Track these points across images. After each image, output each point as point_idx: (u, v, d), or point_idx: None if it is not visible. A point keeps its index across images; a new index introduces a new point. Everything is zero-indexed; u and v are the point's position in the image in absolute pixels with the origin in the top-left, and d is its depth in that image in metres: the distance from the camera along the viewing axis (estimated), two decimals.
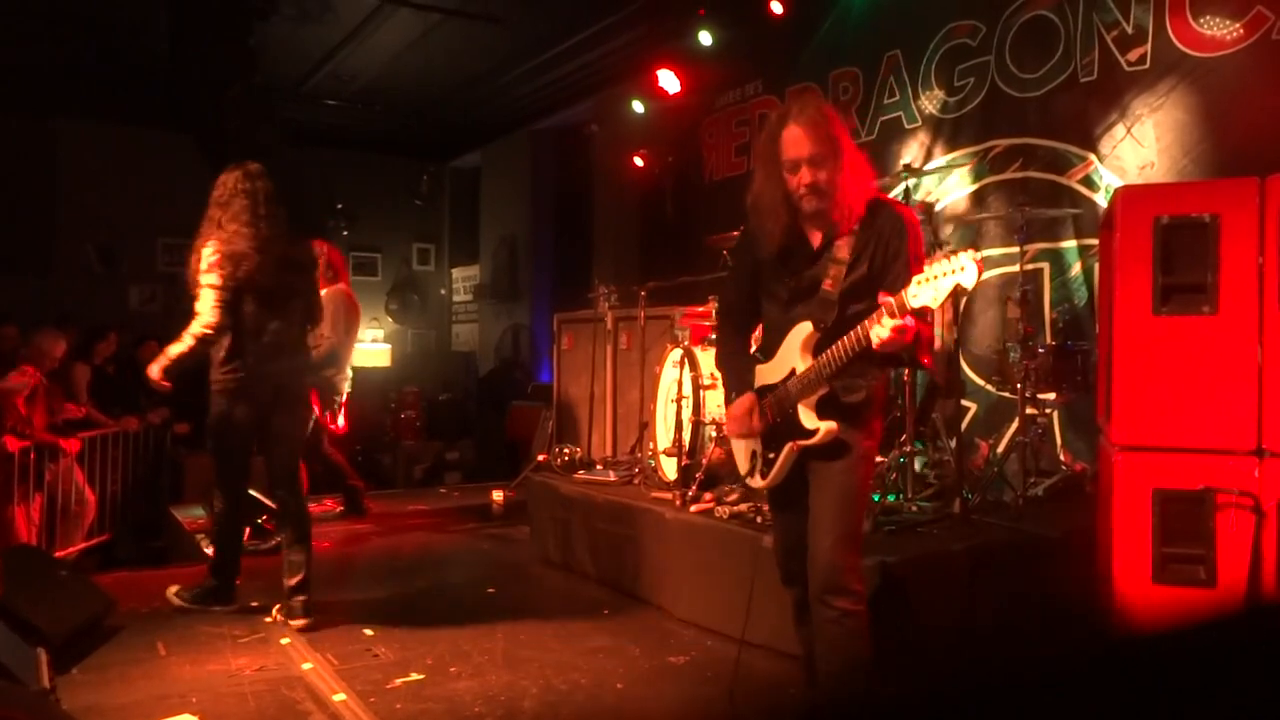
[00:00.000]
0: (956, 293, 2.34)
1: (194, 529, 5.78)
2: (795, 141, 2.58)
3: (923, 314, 2.41)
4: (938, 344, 4.62)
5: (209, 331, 4.04)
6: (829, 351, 2.56)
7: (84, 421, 6.57)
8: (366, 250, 11.21)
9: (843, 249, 2.63)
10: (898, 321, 2.39)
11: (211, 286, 4.06)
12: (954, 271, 2.30)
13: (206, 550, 5.29)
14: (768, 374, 2.77)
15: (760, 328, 2.91)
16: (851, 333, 2.51)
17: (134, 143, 9.18)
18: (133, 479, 7.01)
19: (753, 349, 2.92)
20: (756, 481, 2.80)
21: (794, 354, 2.67)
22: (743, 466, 2.88)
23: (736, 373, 2.87)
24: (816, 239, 2.69)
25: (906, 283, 2.40)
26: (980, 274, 2.31)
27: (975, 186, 5.53)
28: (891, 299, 2.41)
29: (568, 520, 5.14)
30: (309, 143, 9.55)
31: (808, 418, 2.64)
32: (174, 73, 7.59)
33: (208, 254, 4.12)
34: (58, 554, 5.51)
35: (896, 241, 2.62)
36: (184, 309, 4.18)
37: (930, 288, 2.34)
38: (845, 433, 2.62)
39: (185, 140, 8.57)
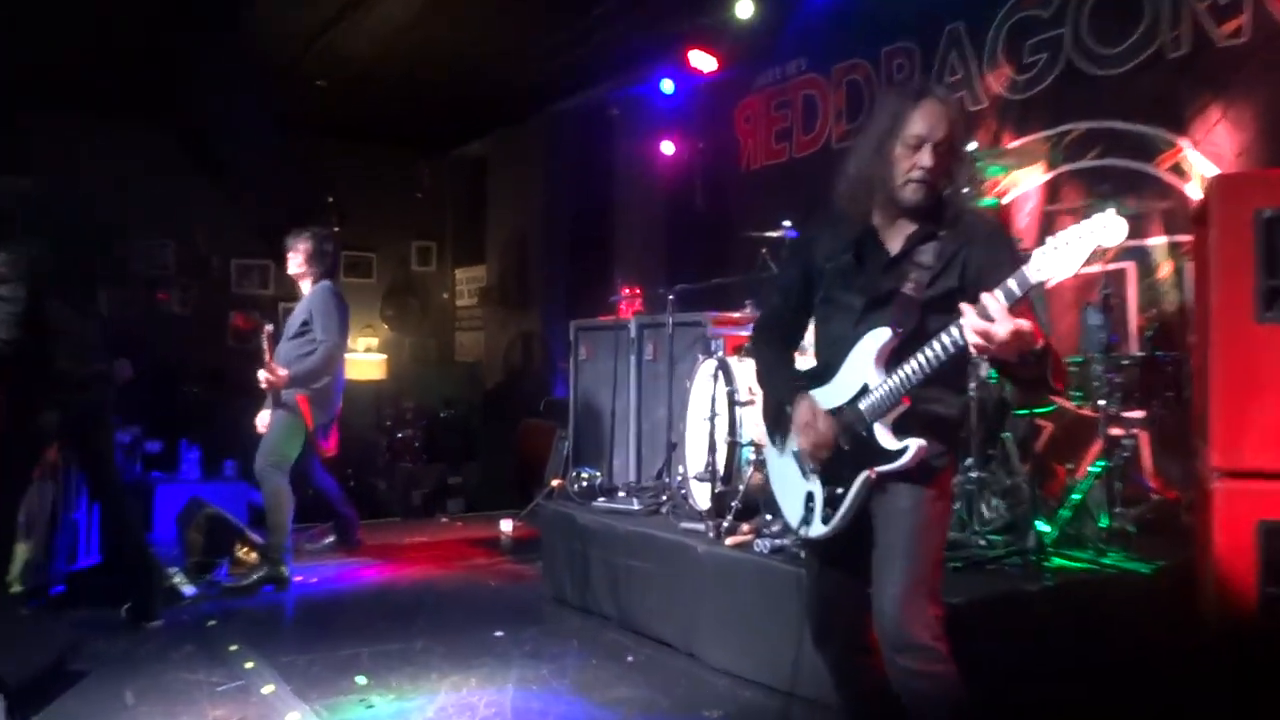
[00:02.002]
0: (1094, 256, 2.19)
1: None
2: (932, 117, 2.52)
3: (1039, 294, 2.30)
4: None
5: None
6: (914, 359, 2.46)
7: None
8: (360, 249, 11.26)
9: (926, 254, 2.57)
10: (996, 311, 2.20)
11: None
12: (1091, 233, 2.17)
13: (178, 582, 5.33)
14: (827, 397, 2.66)
15: (808, 349, 2.86)
16: (944, 334, 2.40)
17: (107, 136, 9.30)
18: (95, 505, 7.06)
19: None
20: (816, 529, 2.66)
21: (865, 367, 2.58)
22: (793, 514, 2.76)
23: (785, 381, 2.77)
24: (896, 242, 2.63)
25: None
26: (1126, 232, 2.17)
27: (1048, 176, 5.48)
28: (997, 289, 2.25)
29: (585, 554, 5.12)
30: (296, 130, 9.62)
31: (888, 438, 2.53)
32: (148, 57, 7.67)
33: None
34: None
35: (998, 247, 2.54)
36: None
37: (1059, 256, 2.19)
38: (929, 455, 2.53)
39: (160, 133, 8.70)
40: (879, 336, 2.57)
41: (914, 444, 2.50)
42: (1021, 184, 5.60)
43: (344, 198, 10.75)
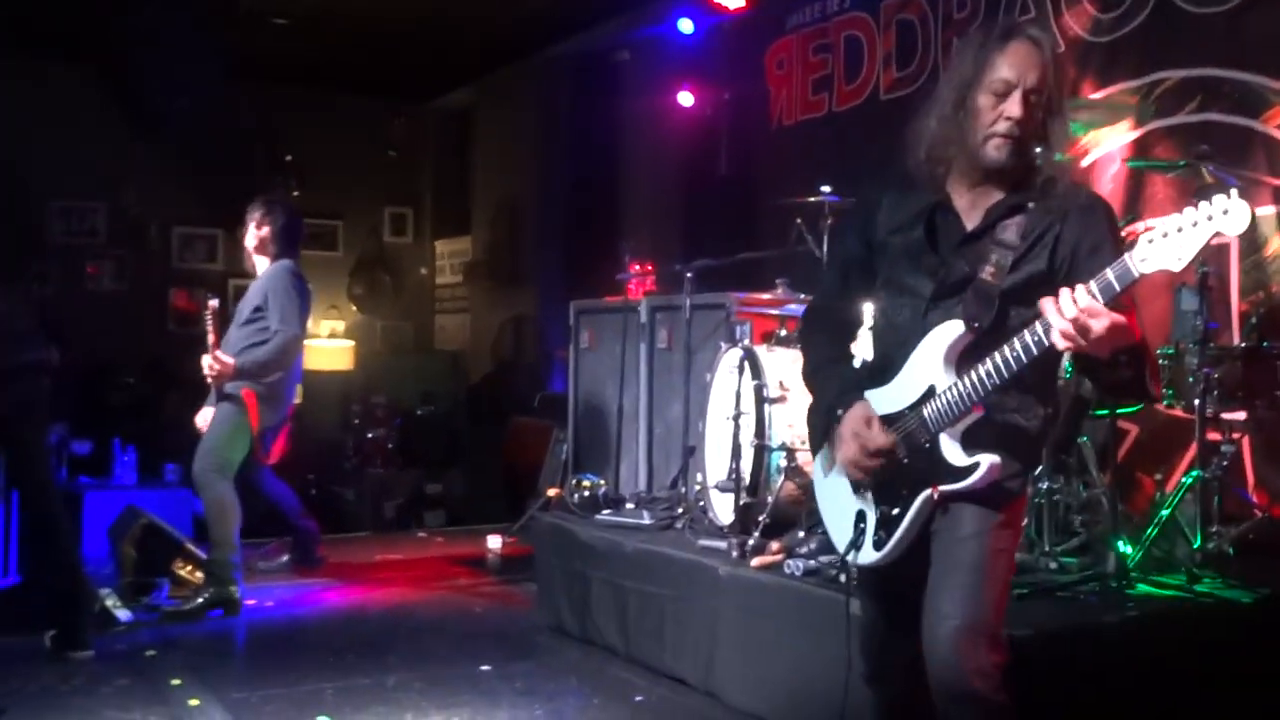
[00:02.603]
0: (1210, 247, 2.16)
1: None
2: (1021, 59, 2.50)
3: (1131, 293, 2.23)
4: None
5: None
6: (991, 360, 2.42)
7: None
8: (323, 217, 11.27)
9: (1010, 231, 2.54)
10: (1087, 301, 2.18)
11: None
12: (1208, 219, 2.12)
13: (112, 605, 5.38)
14: (886, 400, 2.63)
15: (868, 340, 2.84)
16: (1027, 331, 2.36)
17: (18, 78, 9.33)
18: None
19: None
20: (867, 555, 2.64)
21: (933, 366, 2.54)
22: (840, 536, 2.74)
23: (839, 380, 2.72)
24: (975, 216, 2.59)
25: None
26: (1249, 220, 2.12)
27: (1137, 134, 5.47)
28: (1092, 282, 2.23)
29: (587, 576, 5.14)
30: (248, 77, 9.64)
31: (955, 452, 2.51)
32: None
33: None
34: None
35: (1096, 224, 2.51)
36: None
37: (1168, 245, 2.15)
38: (1002, 476, 2.50)
39: (85, 74, 8.69)
40: (949, 331, 2.53)
41: (985, 461, 2.47)
42: (1104, 143, 5.59)
43: (304, 156, 10.78)
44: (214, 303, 5.86)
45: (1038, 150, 2.53)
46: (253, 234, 6.02)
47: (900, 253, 2.67)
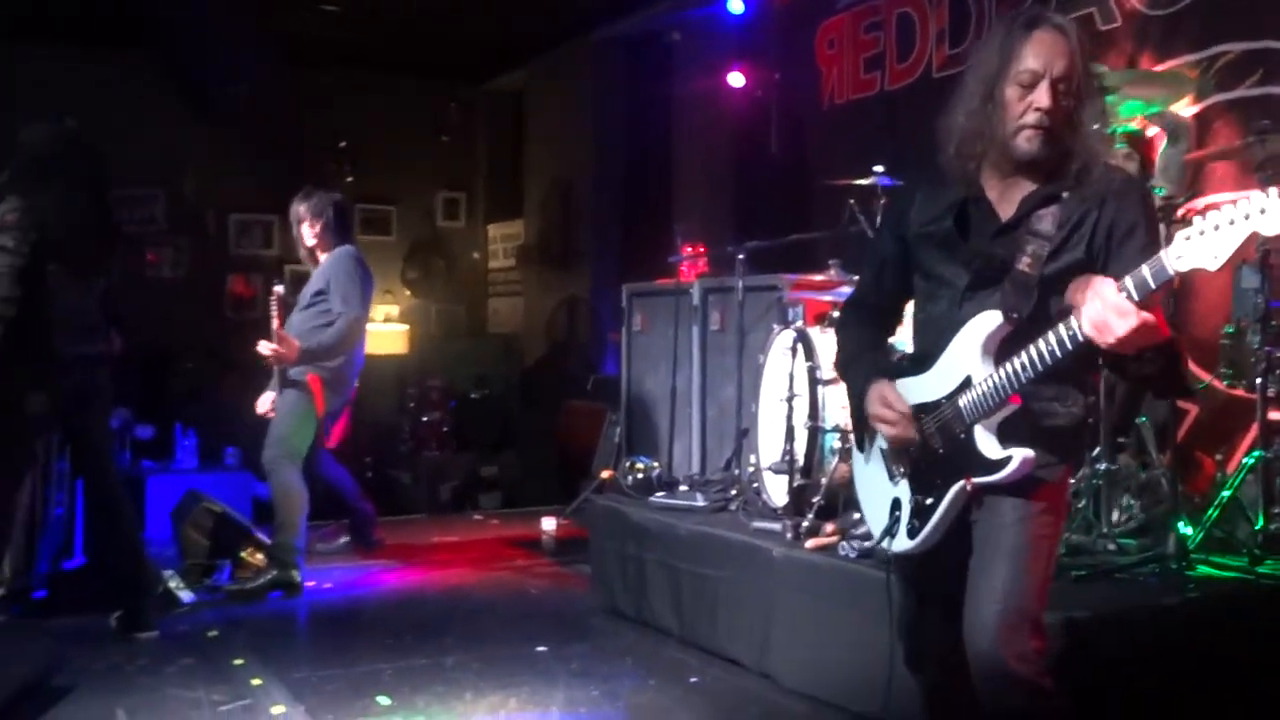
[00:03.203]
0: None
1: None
2: (1046, 48, 2.48)
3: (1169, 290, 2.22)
4: None
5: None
6: (1028, 351, 2.42)
7: None
8: (377, 202, 11.36)
9: (1045, 221, 2.52)
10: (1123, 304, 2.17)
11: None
12: (1245, 217, 2.09)
13: (175, 587, 5.48)
14: (923, 389, 2.64)
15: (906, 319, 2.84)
16: (1062, 324, 2.36)
17: (77, 67, 9.46)
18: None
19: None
20: (901, 543, 2.66)
21: (970, 357, 2.54)
22: (876, 523, 2.76)
23: (868, 368, 2.76)
24: (1009, 207, 2.58)
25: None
26: None
27: (1196, 109, 5.38)
28: (1127, 278, 2.22)
29: (641, 558, 5.16)
30: (301, 62, 9.72)
31: (989, 444, 2.51)
32: None
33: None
34: None
35: (1131, 211, 2.49)
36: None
37: (1205, 243, 2.12)
38: (1037, 467, 2.50)
39: (143, 62, 8.80)
40: (987, 322, 2.52)
41: (1018, 455, 2.46)
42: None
43: (357, 142, 10.86)
44: (279, 288, 5.91)
45: (1072, 141, 2.51)
46: (308, 234, 6.09)
47: (935, 246, 2.68)
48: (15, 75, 9.02)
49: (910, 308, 2.90)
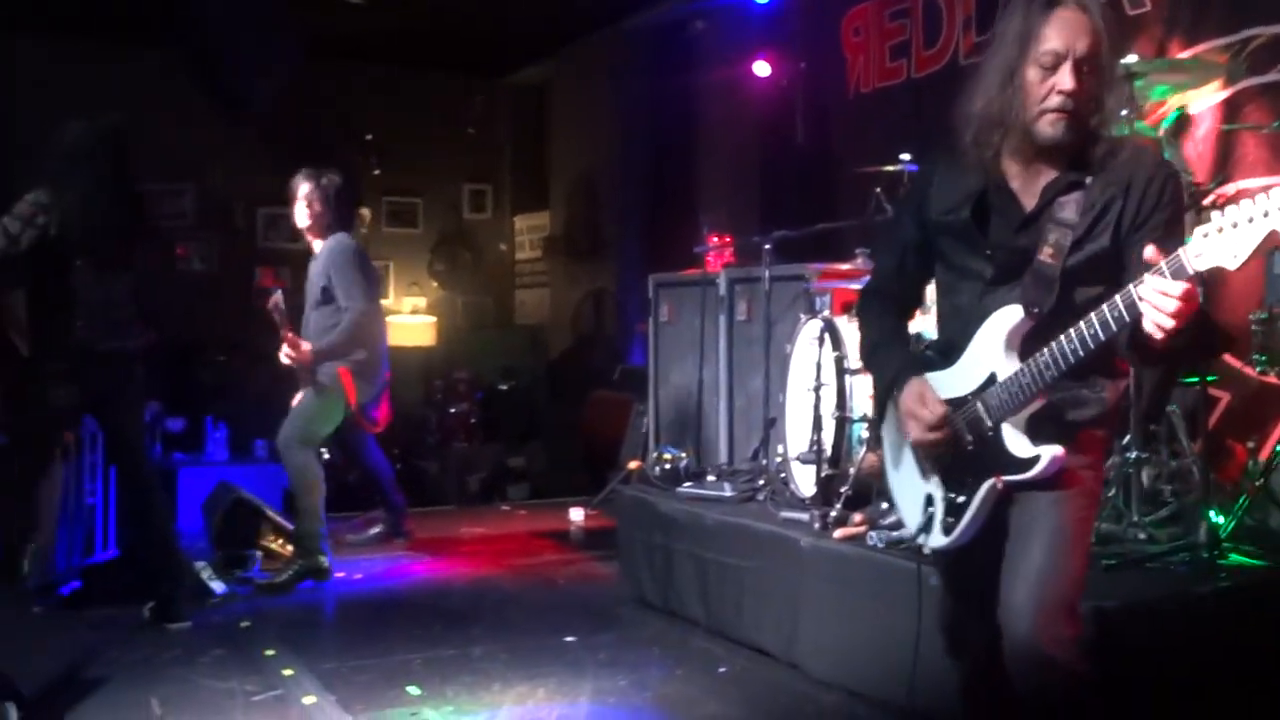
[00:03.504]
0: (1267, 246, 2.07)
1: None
2: (1069, 27, 2.40)
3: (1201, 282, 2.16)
4: None
5: None
6: (1052, 346, 2.37)
7: None
8: (403, 194, 11.40)
9: (1069, 209, 2.46)
10: (1180, 285, 2.10)
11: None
12: (1265, 215, 2.05)
13: (207, 578, 5.52)
14: (950, 384, 2.61)
15: (930, 307, 2.82)
16: (1098, 312, 2.29)
17: (106, 62, 9.53)
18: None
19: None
20: (936, 539, 2.63)
21: (993, 353, 2.51)
22: (911, 518, 2.74)
23: (896, 359, 2.72)
24: (1032, 195, 2.52)
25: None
26: None
27: (1226, 93, 5.34)
28: (1147, 275, 2.17)
29: (669, 549, 5.17)
30: (326, 56, 9.75)
31: (1018, 442, 2.49)
32: None
33: None
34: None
35: (1156, 193, 2.43)
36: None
37: (1224, 241, 2.08)
38: (1068, 459, 2.47)
39: (170, 57, 8.83)
40: (1008, 317, 2.49)
41: (1047, 454, 2.44)
42: (1193, 104, 5.46)
43: (384, 135, 10.90)
44: (277, 295, 5.85)
45: (1096, 124, 2.44)
46: (303, 212, 6.00)
47: (954, 235, 2.63)
48: (45, 72, 9.10)
49: (932, 291, 2.86)
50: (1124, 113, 2.56)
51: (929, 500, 2.66)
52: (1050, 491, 2.49)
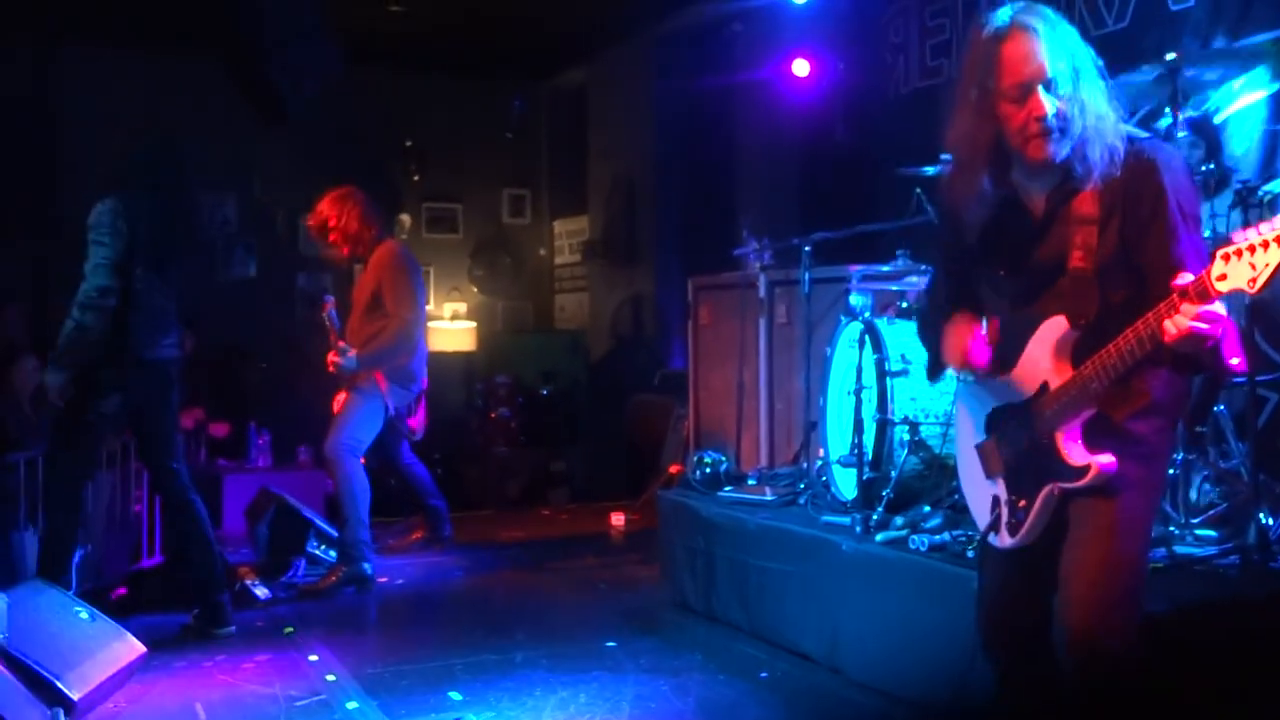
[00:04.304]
0: None
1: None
2: (1022, 56, 2.45)
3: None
4: None
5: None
6: (1100, 356, 2.41)
7: None
8: (443, 200, 11.46)
9: (1085, 205, 2.50)
10: (1208, 308, 2.17)
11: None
12: (1278, 241, 2.08)
13: (251, 584, 5.57)
14: (1007, 391, 2.69)
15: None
16: (1133, 329, 2.32)
17: (150, 72, 9.64)
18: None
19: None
20: (1005, 540, 2.71)
21: (1044, 363, 2.58)
22: (982, 517, 2.82)
23: (947, 321, 2.83)
24: (1039, 204, 2.60)
25: (1180, 251, 2.31)
26: None
27: (1275, 89, 5.27)
28: (1190, 279, 2.22)
29: (710, 553, 5.17)
30: (366, 61, 9.82)
31: (1072, 449, 2.54)
32: None
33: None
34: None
35: (1150, 196, 2.47)
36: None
37: (1245, 265, 2.12)
38: (1122, 463, 2.50)
39: (213, 66, 8.94)
40: (1054, 329, 2.55)
41: (1097, 462, 2.48)
42: (1239, 100, 5.39)
43: (423, 141, 10.97)
44: (329, 301, 5.95)
45: (1089, 129, 2.47)
46: (344, 241, 6.03)
47: (983, 250, 2.71)
48: (87, 82, 9.23)
49: None
50: (1108, 104, 2.55)
51: (995, 501, 2.74)
52: (1106, 490, 2.52)
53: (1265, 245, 2.09)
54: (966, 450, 2.90)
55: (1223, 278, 2.15)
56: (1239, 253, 2.13)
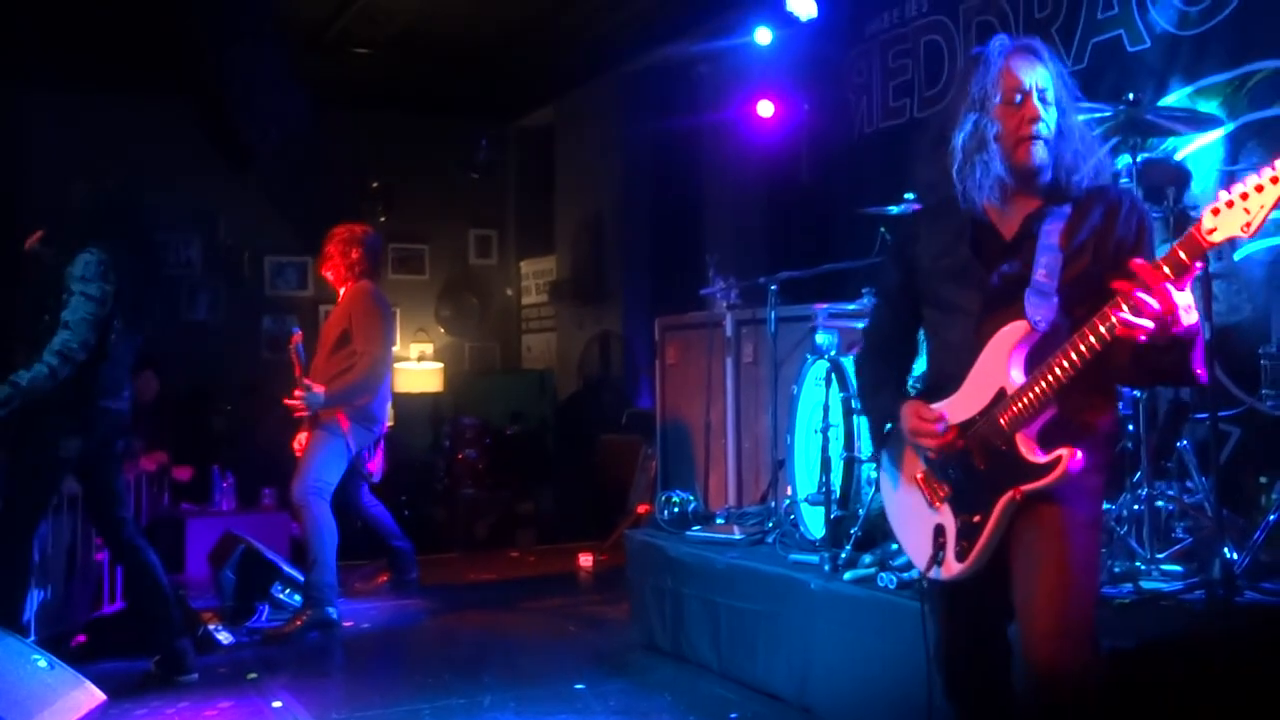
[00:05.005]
0: None
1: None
2: (1025, 66, 2.64)
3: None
4: None
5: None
6: (1060, 357, 2.47)
7: None
8: (410, 241, 11.46)
9: (1053, 234, 2.61)
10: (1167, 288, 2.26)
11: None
12: (1273, 181, 2.16)
13: (213, 629, 5.51)
14: (955, 409, 2.70)
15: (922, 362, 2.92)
16: (1095, 320, 2.40)
17: (115, 115, 9.61)
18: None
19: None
20: (951, 567, 2.67)
21: (999, 370, 2.61)
22: (919, 554, 2.78)
23: (890, 397, 2.85)
24: (1011, 224, 2.69)
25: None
26: None
27: (1229, 129, 5.35)
28: (1143, 261, 2.31)
29: (679, 593, 5.15)
30: (332, 104, 9.84)
31: (1035, 449, 2.55)
32: (164, 24, 7.91)
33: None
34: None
35: (1131, 223, 2.61)
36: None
37: (1239, 211, 2.18)
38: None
39: (179, 109, 8.94)
40: (1014, 332, 2.60)
41: (1066, 455, 2.50)
42: (1197, 139, 5.47)
43: (389, 182, 10.97)
44: (297, 334, 5.96)
45: (1068, 157, 2.63)
46: (335, 264, 6.14)
47: (946, 274, 2.77)
48: (52, 122, 9.19)
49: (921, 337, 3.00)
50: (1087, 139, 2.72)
51: (939, 531, 2.71)
52: (1056, 514, 2.55)
53: (1259, 189, 2.17)
54: (899, 491, 2.89)
55: (1212, 230, 2.21)
56: (1230, 204, 2.20)
